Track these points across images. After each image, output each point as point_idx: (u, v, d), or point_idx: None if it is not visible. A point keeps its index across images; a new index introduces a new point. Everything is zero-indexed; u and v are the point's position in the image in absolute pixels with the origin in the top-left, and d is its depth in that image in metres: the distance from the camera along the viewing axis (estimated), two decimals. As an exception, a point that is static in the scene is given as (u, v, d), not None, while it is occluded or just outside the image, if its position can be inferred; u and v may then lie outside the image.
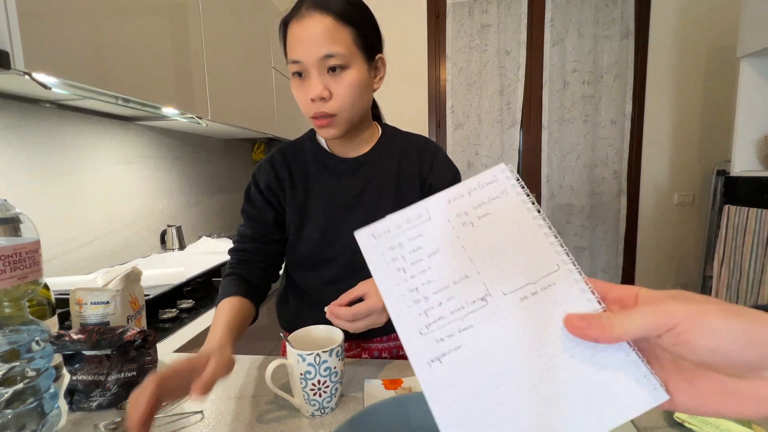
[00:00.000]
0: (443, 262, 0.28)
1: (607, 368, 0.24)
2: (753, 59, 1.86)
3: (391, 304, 0.27)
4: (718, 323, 0.21)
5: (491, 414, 0.24)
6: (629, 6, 2.34)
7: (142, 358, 0.60)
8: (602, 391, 0.24)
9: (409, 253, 0.28)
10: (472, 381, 0.25)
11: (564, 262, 0.26)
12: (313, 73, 0.62)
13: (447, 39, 2.54)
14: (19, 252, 0.46)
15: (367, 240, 0.29)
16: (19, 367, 0.46)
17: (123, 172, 1.46)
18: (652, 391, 0.23)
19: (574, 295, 0.26)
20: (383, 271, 0.28)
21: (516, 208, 0.28)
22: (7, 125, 1.05)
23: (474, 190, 0.29)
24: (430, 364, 0.25)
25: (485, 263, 0.27)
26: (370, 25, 0.66)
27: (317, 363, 0.51)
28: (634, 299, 0.25)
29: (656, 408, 0.23)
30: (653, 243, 2.51)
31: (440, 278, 0.27)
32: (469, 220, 0.28)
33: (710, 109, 2.35)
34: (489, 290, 0.27)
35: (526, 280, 0.26)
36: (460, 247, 0.28)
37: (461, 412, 0.24)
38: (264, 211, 0.74)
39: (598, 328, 0.23)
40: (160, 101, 1.14)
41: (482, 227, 0.28)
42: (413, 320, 0.26)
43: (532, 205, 0.28)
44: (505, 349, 0.25)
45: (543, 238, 0.27)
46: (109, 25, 0.96)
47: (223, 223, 2.17)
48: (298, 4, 0.63)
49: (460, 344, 0.26)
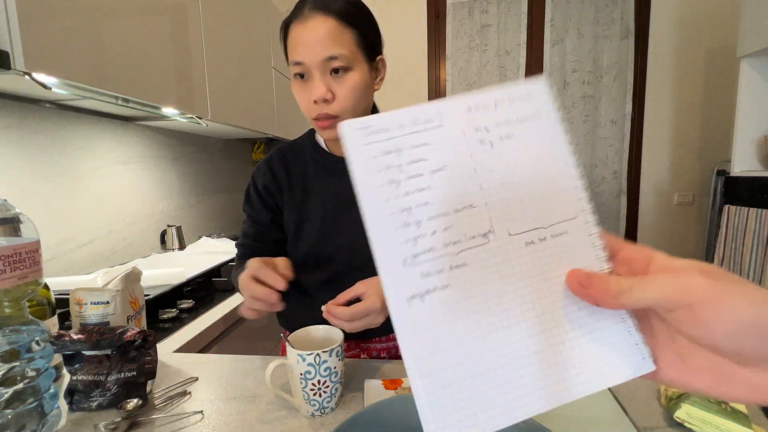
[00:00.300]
0: (448, 182, 0.23)
1: (598, 331, 0.22)
2: (753, 59, 1.86)
3: (373, 223, 0.22)
4: (745, 310, 0.19)
5: (470, 365, 0.22)
6: (629, 6, 2.34)
7: (142, 358, 0.59)
8: (588, 355, 0.22)
9: (408, 163, 0.23)
10: (455, 327, 0.22)
11: (583, 212, 0.23)
12: (315, 75, 0.62)
13: (447, 39, 2.54)
14: (19, 252, 0.46)
15: (357, 136, 0.23)
16: (19, 367, 0.46)
17: (123, 172, 1.46)
18: (640, 360, 0.22)
19: (584, 249, 0.23)
20: (371, 180, 0.23)
21: (547, 137, 0.24)
22: (7, 125, 1.05)
23: (501, 102, 0.24)
24: (409, 301, 0.22)
25: (497, 194, 0.23)
26: (371, 26, 0.66)
27: (317, 363, 0.51)
28: (645, 263, 0.23)
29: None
30: (653, 243, 2.51)
31: (440, 202, 0.23)
32: (488, 138, 0.24)
33: (710, 109, 2.35)
34: (493, 227, 0.23)
35: (538, 223, 0.23)
36: (472, 169, 0.23)
37: (437, 358, 0.22)
38: (261, 212, 0.76)
39: (603, 291, 0.21)
40: (160, 101, 1.14)
41: (502, 150, 0.24)
42: (398, 247, 0.22)
43: (566, 137, 0.24)
44: (497, 297, 0.22)
45: (568, 179, 0.24)
46: (109, 25, 0.96)
47: (223, 223, 2.17)
48: (300, 5, 0.63)
49: (448, 283, 0.22)
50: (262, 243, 0.76)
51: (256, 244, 0.76)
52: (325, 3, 0.61)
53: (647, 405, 0.53)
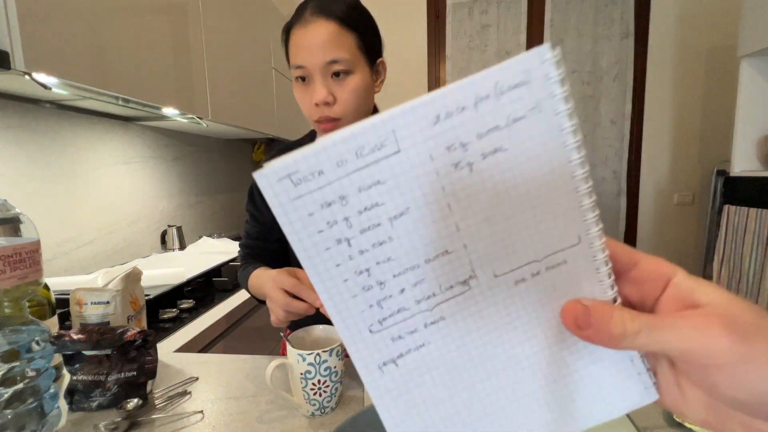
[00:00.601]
0: (413, 229, 0.18)
1: (597, 363, 0.20)
2: (753, 59, 1.86)
3: (326, 293, 0.19)
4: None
5: (461, 416, 0.20)
6: (629, 6, 2.34)
7: (142, 358, 0.59)
8: (587, 390, 0.20)
9: (357, 213, 0.18)
10: (437, 384, 0.20)
11: (588, 235, 0.18)
12: (317, 78, 0.62)
13: (447, 39, 2.54)
14: (19, 252, 0.46)
15: (279, 191, 0.17)
16: (19, 367, 0.46)
17: (123, 173, 1.46)
18: (642, 390, 0.20)
19: (587, 275, 0.19)
20: (312, 245, 0.18)
21: (548, 142, 0.17)
22: (7, 125, 1.05)
23: (485, 98, 0.17)
24: (381, 369, 0.19)
25: (478, 232, 0.18)
26: (372, 29, 0.67)
27: (317, 363, 0.51)
28: (661, 285, 0.19)
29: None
30: (653, 243, 2.51)
31: (406, 254, 0.18)
32: (466, 160, 0.17)
33: (710, 109, 2.35)
34: (475, 271, 0.19)
35: (530, 256, 0.19)
36: (445, 206, 0.18)
37: (422, 418, 0.20)
38: (263, 211, 0.77)
39: (603, 334, 0.18)
40: (161, 101, 1.14)
41: (485, 174, 0.18)
42: (360, 315, 0.19)
43: (576, 140, 0.17)
44: (483, 346, 0.20)
45: (572, 197, 0.18)
46: (109, 25, 0.96)
47: (223, 223, 2.17)
48: (301, 9, 0.63)
49: (424, 342, 0.19)
50: (265, 242, 0.78)
51: (260, 243, 0.78)
52: (326, 7, 0.61)
53: (647, 405, 0.53)
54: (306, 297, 0.56)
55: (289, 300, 0.57)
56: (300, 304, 0.56)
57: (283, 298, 0.57)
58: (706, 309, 0.17)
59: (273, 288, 0.58)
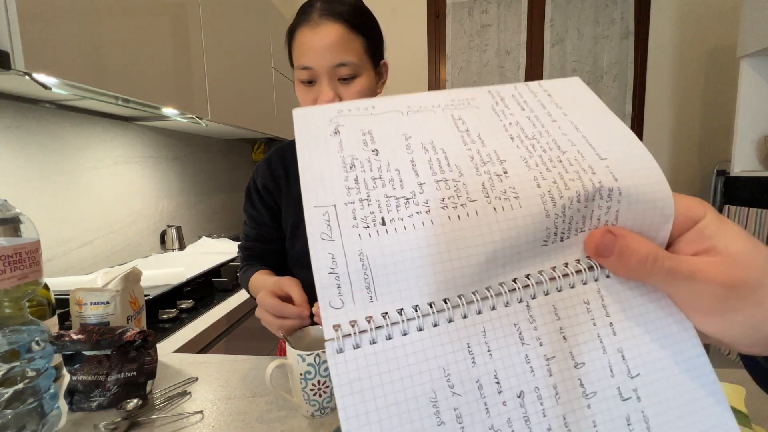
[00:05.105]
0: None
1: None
2: (753, 59, 1.86)
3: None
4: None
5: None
6: (629, 6, 2.34)
7: (142, 359, 0.59)
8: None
9: None
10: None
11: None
12: (323, 80, 0.63)
13: (447, 39, 2.54)
14: (19, 252, 0.46)
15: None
16: (19, 367, 0.46)
17: (123, 173, 1.46)
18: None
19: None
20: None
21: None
22: (7, 125, 1.05)
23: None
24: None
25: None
26: (377, 32, 0.67)
27: (317, 363, 0.51)
28: (687, 227, 0.19)
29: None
30: (653, 243, 2.51)
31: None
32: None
33: (710, 109, 2.35)
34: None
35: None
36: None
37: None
38: (261, 212, 0.77)
39: (632, 251, 0.18)
40: (160, 101, 1.14)
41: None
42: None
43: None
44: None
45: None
46: (109, 25, 0.96)
47: (223, 223, 2.17)
48: (308, 10, 0.63)
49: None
50: (264, 243, 0.78)
51: (259, 245, 0.78)
52: (334, 10, 0.62)
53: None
54: (290, 314, 0.57)
55: (281, 321, 0.57)
56: (292, 322, 0.57)
57: (274, 320, 0.58)
58: (715, 259, 0.17)
59: (260, 311, 0.60)
